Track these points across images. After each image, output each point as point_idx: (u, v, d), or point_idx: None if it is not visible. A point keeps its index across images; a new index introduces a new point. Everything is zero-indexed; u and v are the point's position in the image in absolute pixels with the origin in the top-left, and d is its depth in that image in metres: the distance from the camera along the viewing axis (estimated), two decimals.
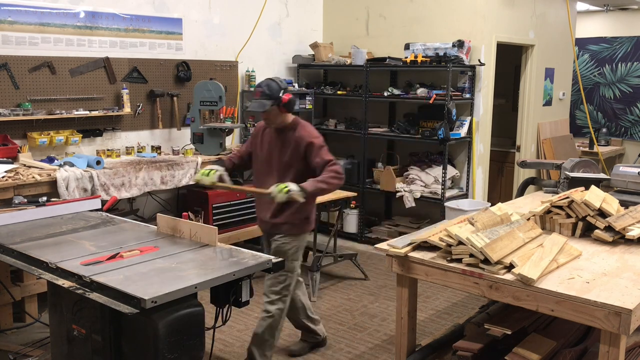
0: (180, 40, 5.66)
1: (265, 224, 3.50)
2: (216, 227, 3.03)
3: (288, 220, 3.40)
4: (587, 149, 7.85)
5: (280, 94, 3.29)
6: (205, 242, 3.03)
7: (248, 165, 3.68)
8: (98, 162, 4.54)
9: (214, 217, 5.34)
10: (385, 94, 6.13)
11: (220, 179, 3.40)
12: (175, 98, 5.57)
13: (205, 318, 2.61)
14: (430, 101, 5.65)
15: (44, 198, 3.94)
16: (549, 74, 7.04)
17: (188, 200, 5.56)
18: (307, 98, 6.55)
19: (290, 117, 3.43)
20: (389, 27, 6.53)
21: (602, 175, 4.03)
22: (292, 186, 3.14)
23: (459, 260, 2.69)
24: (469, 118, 5.96)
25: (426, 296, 4.83)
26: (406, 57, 5.97)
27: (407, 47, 6.13)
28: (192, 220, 4.98)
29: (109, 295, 2.39)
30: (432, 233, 2.95)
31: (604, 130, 8.42)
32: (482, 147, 6.10)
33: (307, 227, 3.50)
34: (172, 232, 3.21)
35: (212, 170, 3.39)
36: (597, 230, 3.10)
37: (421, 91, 5.90)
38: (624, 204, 3.48)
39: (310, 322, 3.86)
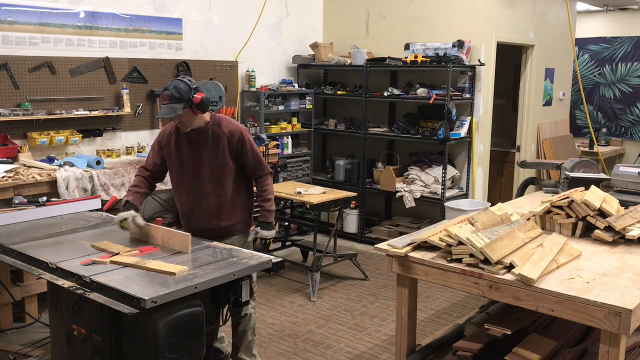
0: (180, 40, 5.66)
1: (210, 230, 3.28)
2: (189, 234, 2.89)
3: (241, 218, 3.38)
4: (587, 149, 7.85)
5: (191, 95, 3.04)
6: (178, 249, 2.89)
7: (160, 179, 3.45)
8: (98, 162, 4.54)
9: None
10: (385, 94, 6.13)
11: (136, 223, 3.07)
12: None
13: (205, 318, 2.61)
14: (430, 101, 5.65)
15: (44, 198, 3.94)
16: (549, 74, 7.04)
17: None
18: (307, 98, 6.56)
19: (207, 115, 3.21)
20: (389, 27, 6.53)
21: (602, 175, 4.03)
22: (263, 233, 3.31)
23: (459, 260, 2.69)
24: (469, 118, 5.96)
25: (426, 296, 4.83)
26: (406, 57, 5.97)
27: (407, 47, 6.13)
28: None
29: (109, 295, 2.39)
30: (432, 233, 2.95)
31: (604, 130, 8.41)
32: (482, 147, 6.10)
33: (251, 220, 3.47)
34: (145, 239, 3.06)
35: (123, 221, 3.07)
36: (597, 230, 3.10)
37: (421, 91, 5.90)
38: (624, 204, 3.48)
39: (217, 341, 3.60)
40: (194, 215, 3.32)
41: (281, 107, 6.34)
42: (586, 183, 3.68)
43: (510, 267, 2.57)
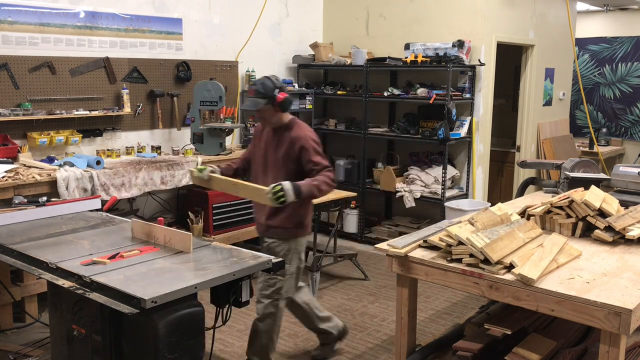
0: (180, 40, 5.66)
1: (260, 226, 3.45)
2: (190, 234, 2.90)
3: (281, 224, 3.33)
4: (587, 149, 7.85)
5: (275, 93, 3.20)
6: (180, 248, 2.90)
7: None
8: (98, 162, 4.54)
9: (213, 217, 5.34)
10: (385, 94, 6.13)
11: (211, 174, 3.36)
12: (175, 98, 5.57)
13: (205, 318, 2.61)
14: (430, 101, 5.65)
15: (44, 198, 3.94)
16: (549, 74, 7.04)
17: (188, 200, 5.56)
18: (307, 98, 6.55)
19: (288, 117, 3.35)
20: (389, 27, 6.53)
21: (602, 175, 4.03)
22: (286, 185, 3.05)
23: (459, 260, 2.69)
24: (469, 118, 5.96)
25: (426, 296, 4.83)
26: (406, 57, 5.97)
27: (407, 47, 6.13)
28: (192, 220, 4.99)
29: (109, 295, 2.39)
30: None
31: (604, 130, 8.41)
32: (482, 147, 6.10)
33: (301, 232, 3.40)
34: (147, 237, 3.08)
35: (205, 167, 3.38)
36: (597, 230, 3.10)
37: (421, 91, 5.90)
38: (624, 204, 3.48)
39: (323, 323, 3.73)
40: (256, 208, 3.50)
41: None
42: (586, 183, 3.68)
43: (510, 267, 2.57)
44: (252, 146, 3.58)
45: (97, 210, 3.85)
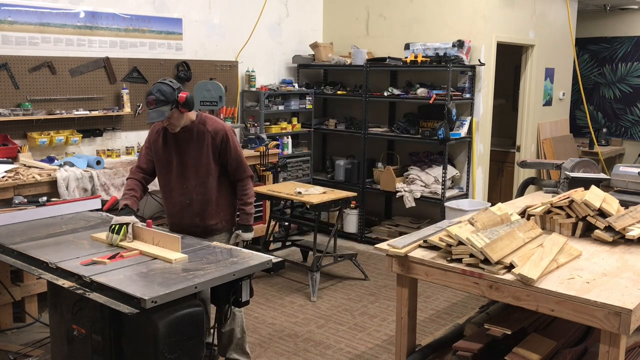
0: (180, 40, 5.66)
1: (194, 228, 3.34)
2: (179, 237, 2.87)
3: (217, 219, 3.41)
4: (587, 149, 7.85)
5: (176, 95, 3.08)
6: (169, 250, 2.84)
7: (153, 178, 3.47)
8: (98, 162, 4.54)
9: None
10: (385, 94, 6.13)
11: (134, 230, 3.04)
12: None
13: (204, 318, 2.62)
14: (430, 101, 5.65)
15: (44, 198, 3.94)
16: (549, 74, 7.03)
17: None
18: (307, 98, 6.55)
19: (193, 114, 3.26)
20: (389, 27, 6.53)
21: (602, 175, 4.03)
22: (246, 236, 3.36)
23: (459, 260, 2.69)
24: (469, 118, 5.96)
25: (426, 296, 4.83)
26: (406, 57, 5.97)
27: (407, 47, 6.13)
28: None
29: (109, 295, 2.39)
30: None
31: (604, 130, 8.41)
32: (482, 147, 6.10)
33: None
34: (137, 239, 3.01)
35: (121, 225, 2.98)
36: (597, 230, 3.09)
37: (421, 91, 5.90)
38: (624, 204, 3.47)
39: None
40: (178, 214, 3.37)
41: (281, 107, 6.34)
42: (586, 183, 3.68)
43: (510, 267, 2.57)
44: (152, 153, 3.35)
45: (97, 210, 3.85)
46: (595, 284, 2.46)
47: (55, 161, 4.61)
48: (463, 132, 5.90)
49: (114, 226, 2.98)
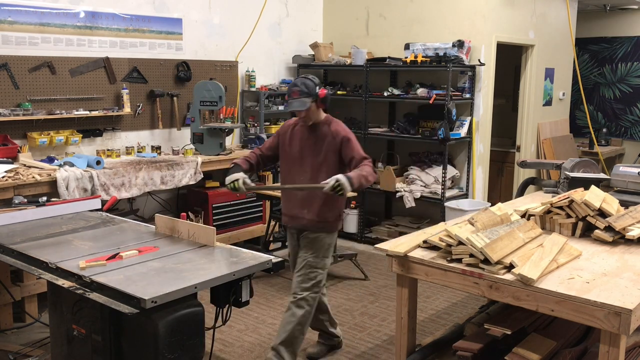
0: (180, 40, 5.66)
1: (298, 220, 3.52)
2: (214, 228, 3.03)
3: (323, 217, 3.47)
4: (587, 149, 7.85)
5: (317, 90, 3.38)
6: (204, 242, 3.03)
7: (266, 165, 3.74)
8: (98, 162, 4.54)
9: (214, 217, 5.35)
10: (385, 94, 6.13)
11: (245, 184, 3.41)
12: (175, 98, 5.57)
13: (205, 318, 2.61)
14: (430, 101, 5.65)
15: (44, 198, 3.94)
16: (549, 74, 7.04)
17: (188, 200, 5.56)
18: None
19: (323, 114, 3.54)
20: (389, 27, 6.53)
21: (602, 175, 4.03)
22: (342, 179, 3.15)
23: (459, 260, 2.69)
24: (469, 118, 5.96)
25: (426, 296, 4.83)
26: (406, 57, 5.97)
27: (407, 47, 6.13)
28: (192, 220, 4.98)
29: (109, 295, 2.39)
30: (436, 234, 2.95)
31: (604, 130, 8.41)
32: (482, 147, 6.10)
33: (339, 224, 3.62)
34: (171, 232, 3.20)
35: (235, 181, 3.38)
36: (597, 230, 3.10)
37: (421, 91, 5.90)
38: (624, 204, 3.48)
39: (331, 325, 3.86)
40: (289, 202, 3.56)
41: (281, 107, 6.34)
42: (586, 183, 3.68)
43: (510, 267, 2.57)
44: (276, 143, 3.63)
45: (97, 210, 3.85)
46: (595, 284, 2.47)
47: (55, 161, 4.61)
48: (463, 132, 5.90)
49: (230, 184, 3.38)
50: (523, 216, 3.31)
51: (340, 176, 3.16)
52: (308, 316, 3.45)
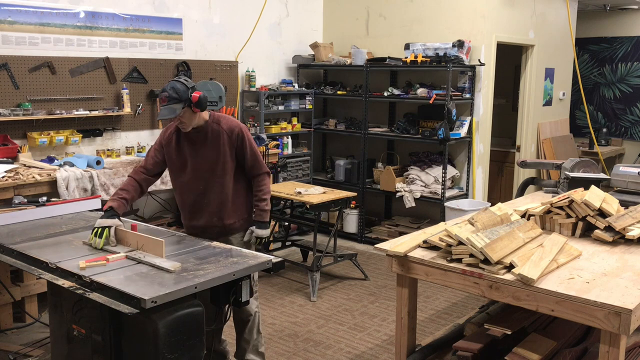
0: (180, 40, 5.66)
1: (212, 229, 3.32)
2: (163, 240, 2.77)
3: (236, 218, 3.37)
4: (587, 149, 7.85)
5: (189, 94, 3.05)
6: (153, 254, 2.78)
7: (156, 178, 3.40)
8: (98, 162, 4.54)
9: None
10: (385, 94, 6.13)
11: (116, 234, 2.97)
12: None
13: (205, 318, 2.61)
14: (430, 101, 5.65)
15: (44, 198, 3.94)
16: (549, 74, 7.03)
17: None
18: (307, 98, 6.56)
19: (206, 114, 3.24)
20: (389, 27, 6.53)
21: (602, 175, 4.03)
22: (261, 232, 3.31)
23: (459, 260, 2.69)
24: (469, 118, 5.96)
25: (426, 296, 4.83)
26: (406, 57, 5.97)
27: (407, 47, 6.13)
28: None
29: (109, 295, 2.39)
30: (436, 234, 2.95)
31: (604, 130, 8.41)
32: (482, 147, 6.10)
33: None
34: (120, 243, 2.94)
35: (103, 228, 2.92)
36: (597, 230, 3.09)
37: (421, 91, 5.90)
38: (624, 204, 3.47)
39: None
40: (194, 214, 3.33)
41: (281, 107, 6.34)
42: (586, 183, 3.68)
43: (510, 267, 2.57)
44: (162, 155, 3.31)
45: (97, 210, 3.85)
46: (595, 284, 2.46)
47: (55, 161, 4.61)
48: (463, 132, 5.90)
49: (96, 230, 2.93)
50: (523, 216, 3.31)
51: (255, 230, 3.28)
52: (259, 314, 3.48)
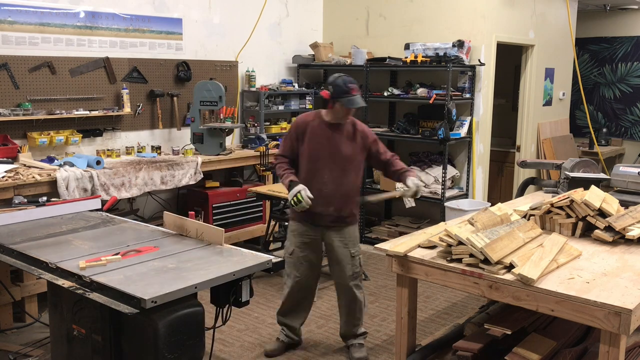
0: (180, 40, 5.66)
1: (327, 217, 3.57)
2: (222, 229, 3.04)
3: (352, 212, 3.63)
4: (587, 149, 7.85)
5: None
6: (212, 242, 3.06)
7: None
8: (98, 162, 4.54)
9: (214, 217, 5.34)
10: (385, 94, 6.13)
11: (308, 195, 3.44)
12: (175, 98, 5.57)
13: (205, 318, 2.61)
14: (430, 101, 5.65)
15: (44, 198, 3.94)
16: (549, 74, 7.03)
17: (188, 200, 5.56)
18: (307, 98, 6.56)
19: None
20: (389, 27, 6.53)
21: (602, 175, 4.03)
22: (418, 185, 3.54)
23: (459, 260, 2.69)
24: (469, 118, 5.96)
25: (426, 296, 4.83)
26: (406, 57, 5.97)
27: (407, 47, 6.13)
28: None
29: (109, 295, 2.39)
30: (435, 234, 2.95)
31: (604, 130, 8.41)
32: (482, 147, 6.10)
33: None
34: (179, 231, 3.23)
35: (299, 194, 3.40)
36: (597, 230, 3.10)
37: (421, 91, 5.90)
38: (624, 204, 3.48)
39: (301, 325, 3.92)
40: (314, 200, 3.50)
41: (281, 107, 6.34)
42: (586, 183, 3.68)
43: (510, 267, 2.57)
44: (295, 143, 3.62)
45: (97, 210, 3.85)
46: (595, 284, 2.47)
47: (55, 161, 4.61)
48: (463, 132, 5.90)
49: (294, 198, 3.39)
50: (524, 217, 3.31)
51: (412, 181, 3.51)
52: (360, 298, 3.73)
